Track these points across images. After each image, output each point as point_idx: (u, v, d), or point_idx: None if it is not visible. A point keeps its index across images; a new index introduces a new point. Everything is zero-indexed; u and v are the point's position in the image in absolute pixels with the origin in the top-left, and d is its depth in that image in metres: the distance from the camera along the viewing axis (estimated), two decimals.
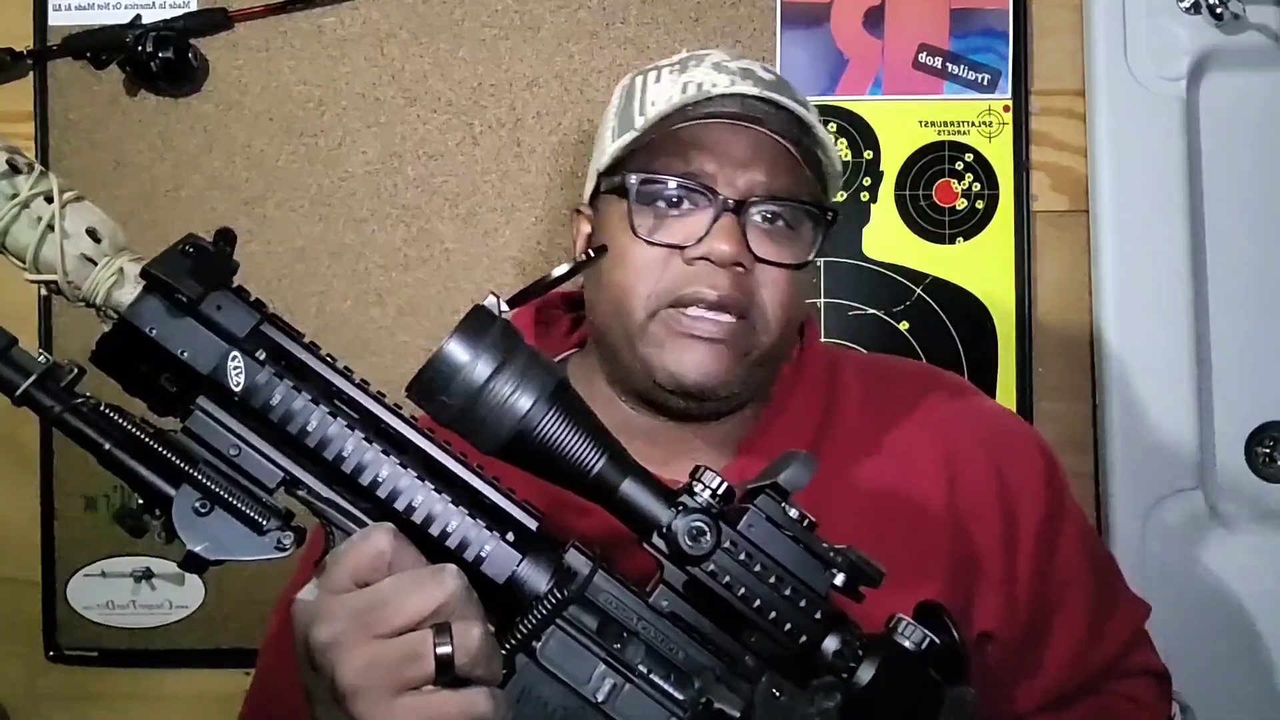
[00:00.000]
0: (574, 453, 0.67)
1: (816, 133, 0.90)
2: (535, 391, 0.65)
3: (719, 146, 0.87)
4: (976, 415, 1.02)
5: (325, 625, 0.63)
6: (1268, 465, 1.42)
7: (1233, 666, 1.36)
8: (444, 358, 0.65)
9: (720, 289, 0.86)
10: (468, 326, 0.66)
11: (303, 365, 0.67)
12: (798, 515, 0.69)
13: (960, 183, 1.42)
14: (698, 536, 0.67)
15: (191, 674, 1.42)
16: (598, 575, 0.69)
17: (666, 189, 0.88)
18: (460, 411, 0.65)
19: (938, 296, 1.41)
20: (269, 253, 1.42)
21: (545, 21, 1.41)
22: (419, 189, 1.42)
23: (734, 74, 0.90)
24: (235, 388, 0.65)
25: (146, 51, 1.36)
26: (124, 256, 0.67)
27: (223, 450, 0.65)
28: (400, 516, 0.66)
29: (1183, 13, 1.38)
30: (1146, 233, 1.38)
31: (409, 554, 0.64)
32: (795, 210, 0.90)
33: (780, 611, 0.68)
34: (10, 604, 1.44)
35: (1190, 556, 1.37)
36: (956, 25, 1.41)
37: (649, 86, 0.91)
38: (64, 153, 1.42)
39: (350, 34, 1.42)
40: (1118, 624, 1.03)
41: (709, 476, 0.70)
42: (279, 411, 0.65)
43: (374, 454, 0.66)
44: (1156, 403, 1.37)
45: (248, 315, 0.67)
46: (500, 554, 0.67)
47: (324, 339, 0.69)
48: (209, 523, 0.64)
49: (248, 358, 0.65)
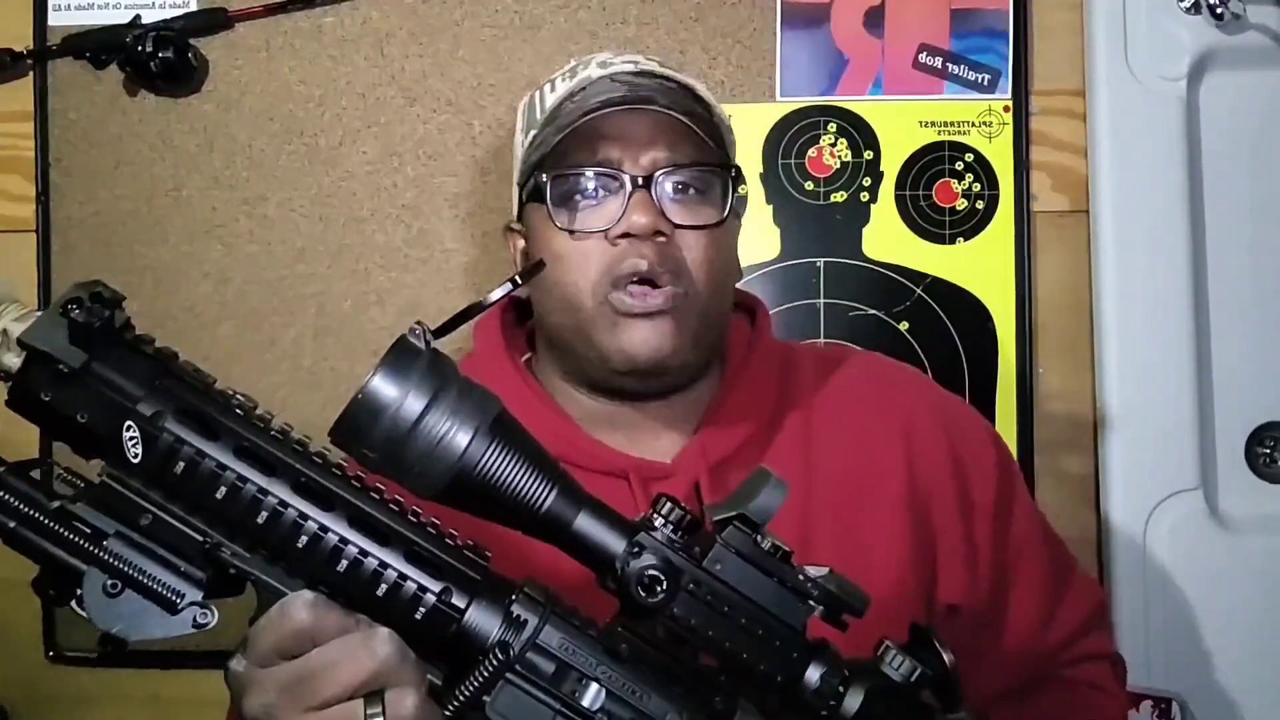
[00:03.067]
0: (521, 489, 0.62)
1: (700, 94, 0.95)
2: (473, 425, 0.60)
3: (617, 132, 0.92)
4: (931, 401, 1.05)
5: (255, 698, 0.62)
6: (1268, 465, 1.42)
7: (1233, 666, 1.36)
8: (368, 398, 0.59)
9: (648, 258, 0.90)
10: (392, 361, 0.60)
11: (212, 419, 0.62)
12: (770, 546, 0.64)
13: (960, 183, 1.42)
14: (651, 585, 0.62)
15: (192, 675, 1.42)
16: (550, 621, 0.65)
17: (579, 182, 0.93)
18: (390, 456, 0.60)
19: (938, 296, 1.41)
20: (269, 253, 1.42)
21: (545, 22, 1.41)
22: (419, 189, 1.42)
23: (616, 65, 0.95)
24: (134, 460, 0.61)
25: (146, 51, 1.36)
26: (9, 314, 0.63)
27: (134, 519, 0.62)
28: (329, 576, 0.62)
29: (1183, 13, 1.38)
30: (1146, 233, 1.38)
31: (334, 619, 0.62)
32: (702, 174, 0.94)
33: (753, 653, 0.64)
34: (10, 604, 1.44)
35: (1190, 556, 1.36)
36: (956, 25, 1.41)
37: (545, 96, 0.97)
38: (64, 153, 1.43)
39: (350, 34, 1.42)
40: (1072, 604, 1.05)
41: (668, 508, 0.65)
42: (185, 478, 0.61)
43: (294, 513, 0.62)
44: (1156, 403, 1.37)
45: (148, 369, 0.62)
46: (441, 608, 0.63)
47: (324, 339, 0.67)
48: (121, 603, 0.61)
49: (144, 424, 0.61)
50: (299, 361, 1.42)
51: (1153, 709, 1.32)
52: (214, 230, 1.43)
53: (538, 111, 0.96)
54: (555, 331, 0.97)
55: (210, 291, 1.42)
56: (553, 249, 0.93)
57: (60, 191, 1.43)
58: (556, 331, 0.97)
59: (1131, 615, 1.36)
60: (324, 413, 0.68)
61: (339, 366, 1.42)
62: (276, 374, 1.42)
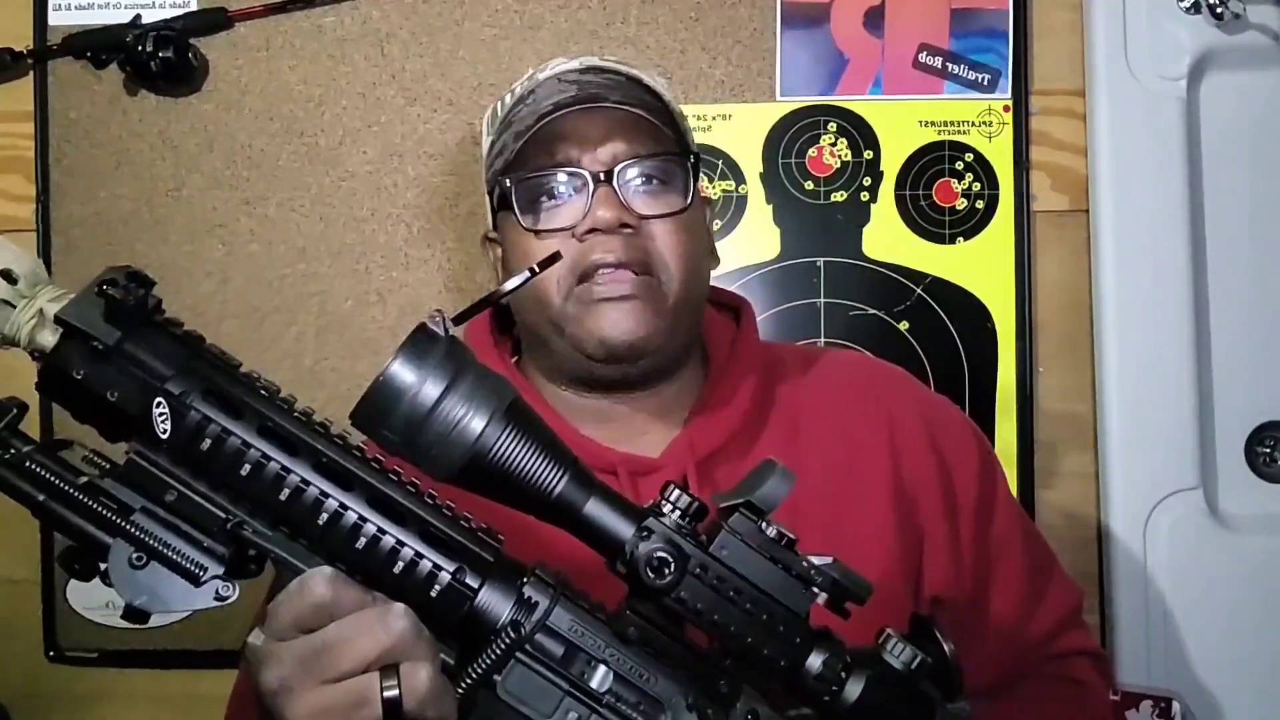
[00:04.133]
0: (534, 473, 0.64)
1: (646, 83, 0.96)
2: (488, 411, 0.62)
3: (575, 131, 0.93)
4: (914, 398, 1.06)
5: (273, 671, 0.63)
6: (1268, 465, 1.42)
7: (1233, 666, 1.36)
8: (388, 382, 0.61)
9: (615, 252, 0.92)
10: (411, 347, 0.62)
11: (238, 400, 0.64)
12: (775, 534, 0.66)
13: (960, 182, 1.42)
14: (660, 568, 0.64)
15: (192, 674, 1.42)
16: (560, 603, 0.66)
17: (542, 184, 0.94)
18: (408, 439, 0.62)
19: (938, 296, 1.42)
20: (270, 252, 1.42)
21: (545, 22, 1.42)
22: (419, 188, 1.42)
23: (563, 66, 0.96)
24: (163, 435, 0.62)
25: (146, 51, 1.36)
26: (44, 295, 0.65)
27: (159, 495, 0.63)
28: (347, 554, 0.64)
29: (1183, 13, 1.38)
30: (1146, 232, 1.38)
31: (352, 595, 0.63)
32: (662, 163, 0.95)
33: (757, 637, 0.65)
34: (10, 604, 1.44)
35: (1190, 556, 1.37)
36: (956, 25, 1.41)
37: (505, 104, 0.98)
38: (64, 152, 1.43)
39: (350, 34, 1.42)
40: (1052, 600, 1.06)
41: (677, 495, 0.66)
42: (211, 456, 0.63)
43: (315, 491, 0.63)
44: (1156, 403, 1.38)
45: (177, 351, 0.64)
46: (455, 587, 0.64)
47: (325, 338, 0.67)
48: (145, 575, 0.62)
49: (173, 402, 0.62)
50: (300, 360, 1.42)
51: (1152, 708, 1.32)
52: (215, 230, 1.43)
53: (497, 121, 0.98)
54: (531, 330, 0.98)
55: (211, 291, 1.42)
56: (521, 250, 0.95)
57: (61, 191, 1.43)
58: (532, 329, 0.98)
59: (1131, 614, 1.36)
60: (326, 411, 0.68)
61: (340, 365, 1.42)
62: (278, 373, 1.41)
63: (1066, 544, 1.33)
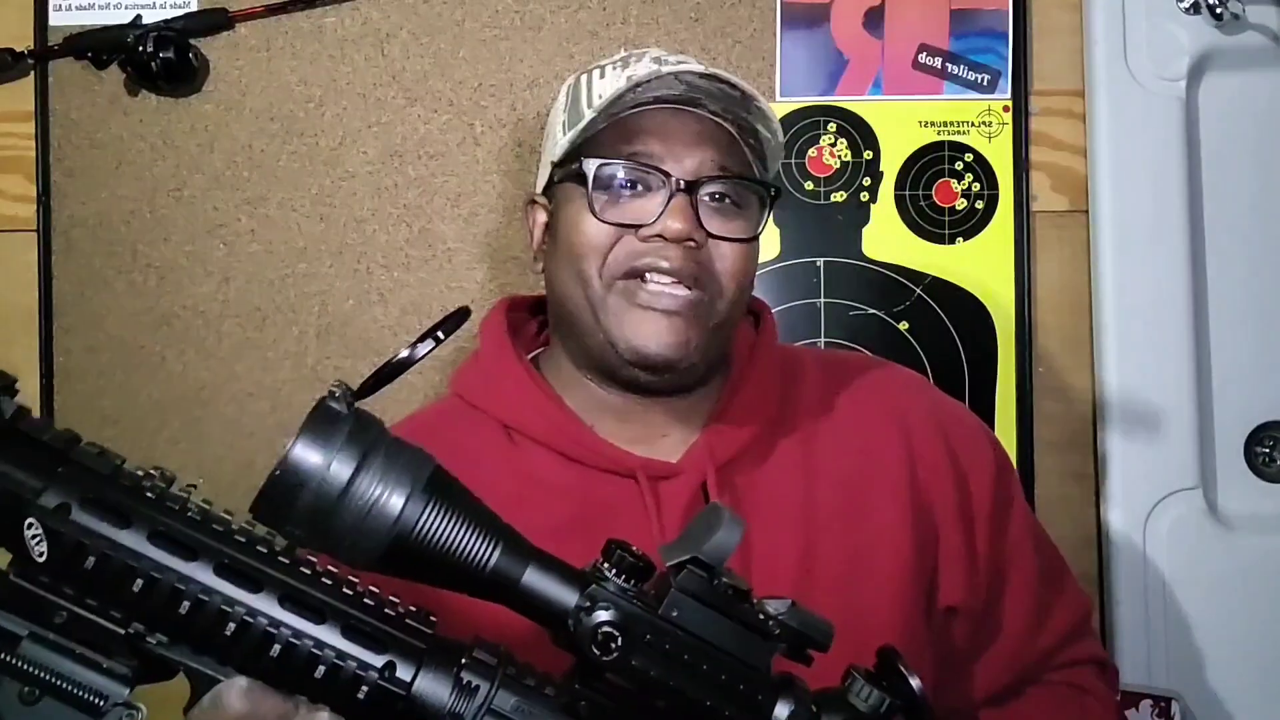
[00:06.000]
0: (464, 549, 0.59)
1: (758, 105, 0.94)
2: (406, 487, 0.57)
3: (665, 130, 0.92)
4: (931, 402, 1.06)
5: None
6: (1267, 465, 1.42)
7: (1232, 665, 1.36)
8: (289, 470, 0.56)
9: (673, 261, 0.91)
10: (312, 427, 0.56)
11: (123, 505, 0.58)
12: (727, 586, 0.62)
13: (960, 183, 1.42)
14: (605, 643, 0.60)
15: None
16: (503, 684, 0.62)
17: (621, 172, 0.93)
18: (319, 530, 0.57)
19: (938, 296, 1.42)
20: (270, 253, 1.42)
21: (546, 22, 1.42)
22: (420, 189, 1.42)
23: (672, 65, 0.94)
24: (39, 559, 0.57)
25: (147, 51, 1.36)
26: None
27: (48, 618, 0.58)
28: (262, 664, 0.59)
29: (1182, 13, 1.38)
30: (1146, 233, 1.38)
31: (271, 705, 0.60)
32: (743, 187, 0.95)
33: (716, 699, 0.62)
34: None
35: (1190, 556, 1.37)
36: (956, 25, 1.41)
37: (594, 82, 0.96)
38: (65, 153, 1.43)
39: (350, 34, 1.42)
40: (1062, 609, 1.05)
41: (618, 556, 0.62)
42: (97, 573, 0.57)
43: (219, 600, 0.58)
44: (1156, 403, 1.38)
45: (45, 459, 0.58)
46: (384, 685, 0.60)
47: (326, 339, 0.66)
48: (40, 711, 0.58)
49: (47, 521, 0.57)
50: (302, 360, 1.43)
51: (1152, 708, 1.32)
52: (216, 230, 1.43)
53: (584, 95, 0.96)
54: (563, 304, 0.97)
55: (212, 291, 1.43)
56: (578, 227, 0.94)
57: (61, 191, 1.43)
58: (564, 304, 0.96)
59: (1131, 614, 1.36)
60: None
61: (342, 365, 1.42)
62: (279, 372, 1.42)
63: (1066, 544, 1.33)
